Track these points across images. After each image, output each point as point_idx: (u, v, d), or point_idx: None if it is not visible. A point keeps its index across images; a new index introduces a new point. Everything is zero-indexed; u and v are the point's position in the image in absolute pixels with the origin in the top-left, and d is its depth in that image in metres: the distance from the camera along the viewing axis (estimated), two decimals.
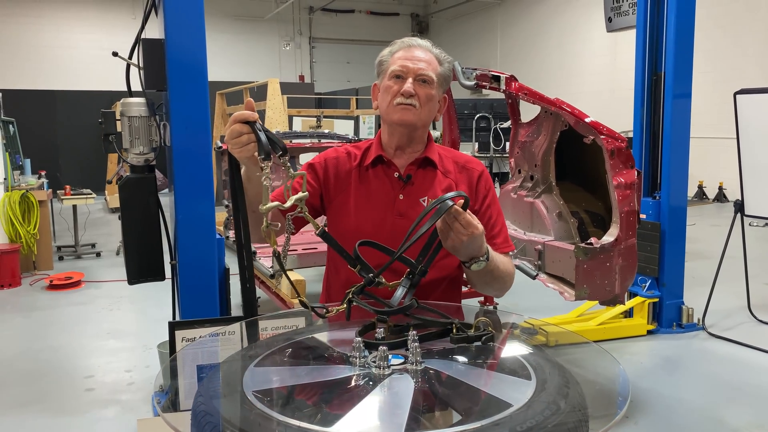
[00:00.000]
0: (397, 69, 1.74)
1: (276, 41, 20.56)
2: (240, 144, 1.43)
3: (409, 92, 1.71)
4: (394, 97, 1.74)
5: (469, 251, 1.56)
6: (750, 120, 4.77)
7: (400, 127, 1.77)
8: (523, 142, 3.94)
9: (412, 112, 1.73)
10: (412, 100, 1.72)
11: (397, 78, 1.74)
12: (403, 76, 1.73)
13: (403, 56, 1.75)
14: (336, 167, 1.83)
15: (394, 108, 1.74)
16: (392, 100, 1.74)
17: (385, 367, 1.18)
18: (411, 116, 1.73)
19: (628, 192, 3.26)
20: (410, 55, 1.75)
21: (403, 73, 1.73)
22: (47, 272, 6.92)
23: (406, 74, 1.73)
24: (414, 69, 1.73)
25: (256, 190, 1.51)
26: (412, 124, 1.75)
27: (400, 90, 1.72)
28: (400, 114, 1.74)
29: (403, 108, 1.73)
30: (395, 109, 1.74)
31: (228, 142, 1.45)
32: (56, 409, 3.73)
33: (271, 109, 8.29)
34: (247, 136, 1.42)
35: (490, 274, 1.66)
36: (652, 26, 4.87)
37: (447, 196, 1.45)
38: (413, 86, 1.72)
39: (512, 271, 1.80)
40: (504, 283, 1.75)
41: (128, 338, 4.97)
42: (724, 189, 12.21)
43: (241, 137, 1.42)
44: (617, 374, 1.28)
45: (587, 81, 15.55)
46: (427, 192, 1.79)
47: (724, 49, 12.14)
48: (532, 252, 3.67)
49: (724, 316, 5.15)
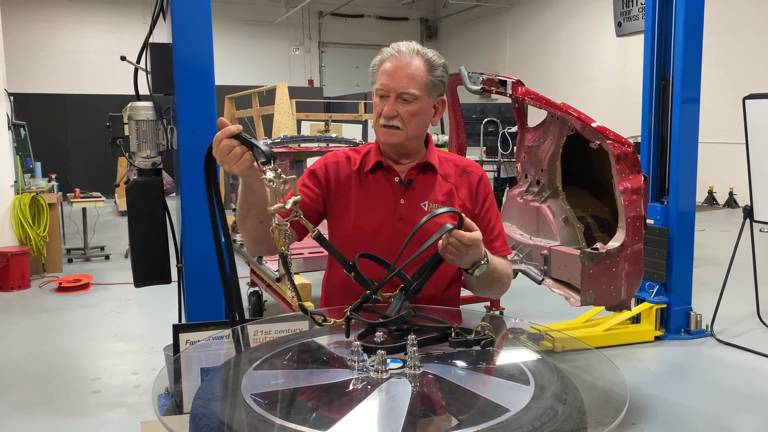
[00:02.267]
0: (379, 87, 1.72)
1: (285, 46, 20.63)
2: (236, 158, 1.40)
3: (389, 115, 1.71)
4: (379, 116, 1.74)
5: (470, 259, 1.57)
6: (759, 125, 4.74)
7: (387, 147, 1.79)
8: (529, 147, 3.93)
9: (396, 135, 1.73)
10: (394, 122, 1.71)
11: (381, 97, 1.73)
12: (385, 95, 1.72)
13: (386, 70, 1.72)
14: (336, 172, 1.83)
15: (380, 129, 1.75)
16: (378, 120, 1.74)
17: (383, 371, 1.18)
18: (395, 139, 1.74)
19: (635, 197, 3.24)
20: (393, 68, 1.71)
21: (384, 92, 1.72)
22: (56, 275, 6.97)
23: (388, 93, 1.71)
24: (395, 88, 1.70)
25: (261, 198, 1.49)
26: (396, 144, 1.76)
27: (382, 111, 1.72)
28: (384, 137, 1.75)
29: (387, 131, 1.73)
30: (381, 131, 1.75)
31: (222, 161, 1.41)
32: (63, 411, 3.75)
33: (279, 114, 8.31)
34: (239, 148, 1.40)
35: (490, 277, 1.67)
36: (660, 30, 4.85)
37: (439, 211, 1.50)
38: (394, 107, 1.70)
39: (510, 273, 1.81)
40: (502, 285, 1.77)
41: (135, 341, 4.99)
42: (734, 194, 12.12)
43: (235, 150, 1.40)
44: (617, 381, 1.27)
45: (597, 86, 15.49)
46: (427, 196, 1.79)
47: (736, 53, 12.06)
48: (538, 257, 3.66)
49: (732, 323, 5.11)
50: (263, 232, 1.56)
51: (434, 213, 1.49)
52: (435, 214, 1.48)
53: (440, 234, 1.48)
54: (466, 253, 1.52)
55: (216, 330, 2.26)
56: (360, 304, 1.44)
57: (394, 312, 1.43)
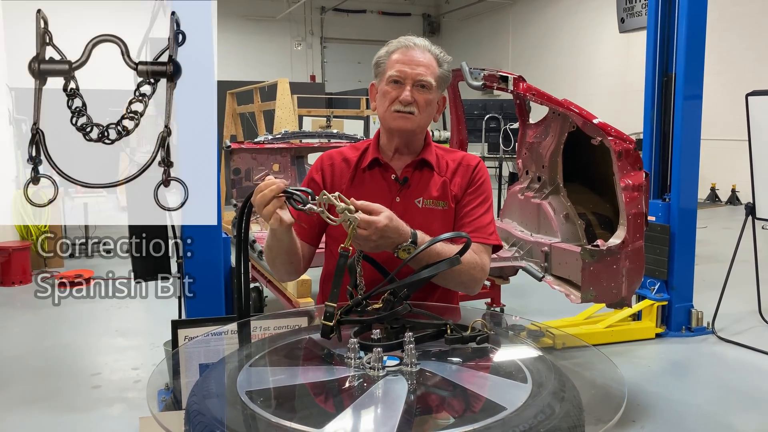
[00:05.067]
0: (395, 74, 1.70)
1: (288, 41, 20.59)
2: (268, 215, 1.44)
3: (408, 100, 1.69)
4: (392, 103, 1.71)
5: (388, 243, 1.49)
6: (762, 122, 4.71)
7: (398, 133, 1.75)
8: (530, 143, 3.92)
9: (410, 120, 1.71)
10: (410, 108, 1.70)
11: (395, 83, 1.71)
12: (401, 82, 1.70)
13: (401, 59, 1.71)
14: (332, 173, 1.82)
15: (392, 115, 1.72)
16: (390, 106, 1.71)
17: (380, 369, 1.17)
18: (409, 124, 1.72)
19: (636, 194, 3.23)
20: (408, 58, 1.71)
21: (401, 78, 1.70)
22: (57, 269, 6.96)
23: (404, 80, 1.69)
24: (412, 75, 1.69)
25: (289, 246, 1.64)
26: (410, 131, 1.74)
27: (398, 97, 1.69)
28: (398, 122, 1.72)
29: (402, 116, 1.71)
30: (393, 117, 1.72)
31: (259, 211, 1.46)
32: (63, 406, 3.75)
33: (280, 109, 8.30)
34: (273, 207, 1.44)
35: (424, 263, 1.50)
36: (663, 27, 4.82)
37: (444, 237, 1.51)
38: (411, 93, 1.69)
39: (477, 262, 1.68)
40: (466, 277, 1.66)
41: (136, 336, 4.99)
42: (737, 192, 12.08)
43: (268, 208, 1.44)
44: (616, 378, 1.26)
45: (599, 83, 15.45)
46: (422, 193, 1.77)
47: (739, 50, 12.01)
48: (539, 254, 3.65)
49: (734, 320, 5.09)
50: (294, 269, 1.73)
51: (439, 238, 1.49)
52: (440, 239, 1.49)
53: (432, 242, 1.48)
54: (373, 235, 1.44)
55: (215, 326, 2.26)
56: (350, 308, 1.40)
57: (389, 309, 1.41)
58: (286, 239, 1.61)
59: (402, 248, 1.50)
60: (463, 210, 1.77)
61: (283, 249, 1.64)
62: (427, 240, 1.55)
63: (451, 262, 1.44)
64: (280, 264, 1.70)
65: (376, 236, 1.45)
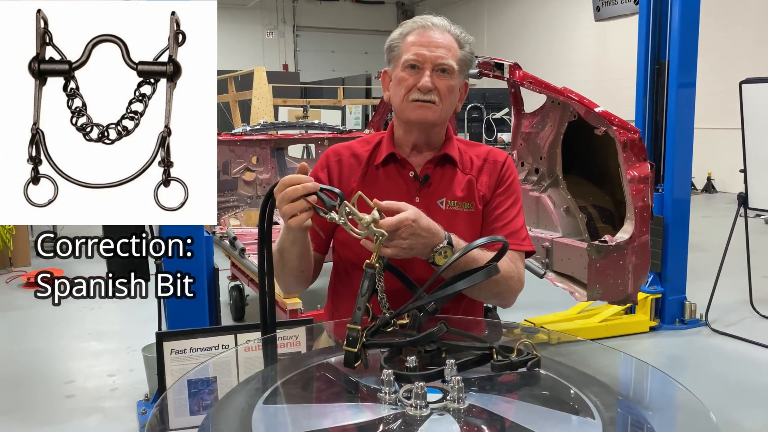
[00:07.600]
0: (412, 58, 1.50)
1: (259, 30, 20.19)
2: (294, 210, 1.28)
3: (428, 87, 1.48)
4: (410, 91, 1.50)
5: (420, 245, 1.31)
6: (756, 110, 4.63)
7: (417, 126, 1.55)
8: (527, 134, 3.76)
9: (431, 110, 1.51)
10: (430, 96, 1.49)
11: (411, 68, 1.50)
12: (419, 67, 1.50)
13: (418, 41, 1.51)
14: (339, 170, 1.61)
15: (410, 105, 1.51)
16: (407, 95, 1.51)
17: (423, 407, 0.98)
18: (430, 115, 1.51)
19: (642, 186, 3.10)
20: (426, 40, 1.50)
21: (418, 63, 1.49)
22: (24, 269, 6.64)
23: (423, 64, 1.49)
24: (431, 58, 1.49)
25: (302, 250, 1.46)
26: (431, 122, 1.54)
27: (416, 84, 1.49)
28: (417, 113, 1.51)
29: (421, 106, 1.50)
30: (411, 106, 1.51)
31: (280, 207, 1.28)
32: (35, 418, 3.50)
33: (257, 99, 8.04)
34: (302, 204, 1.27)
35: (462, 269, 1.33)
36: (655, 12, 4.70)
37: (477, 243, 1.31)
38: (431, 79, 1.49)
39: (514, 270, 1.53)
40: (502, 287, 1.51)
41: (111, 340, 4.73)
42: (712, 180, 12.16)
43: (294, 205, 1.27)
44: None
45: (576, 71, 15.41)
46: (445, 193, 1.58)
47: (715, 39, 12.02)
48: (540, 249, 3.50)
49: (726, 312, 5.03)
50: (305, 278, 1.55)
51: (478, 242, 1.29)
52: (479, 243, 1.29)
53: (471, 247, 1.28)
54: (403, 244, 1.27)
55: (202, 338, 2.08)
56: (377, 329, 1.21)
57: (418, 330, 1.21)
58: (301, 243, 1.42)
59: (438, 251, 1.32)
60: (494, 213, 1.59)
61: (296, 254, 1.44)
62: (462, 244, 1.36)
63: (489, 272, 1.25)
64: (289, 272, 1.50)
65: (407, 234, 1.26)
